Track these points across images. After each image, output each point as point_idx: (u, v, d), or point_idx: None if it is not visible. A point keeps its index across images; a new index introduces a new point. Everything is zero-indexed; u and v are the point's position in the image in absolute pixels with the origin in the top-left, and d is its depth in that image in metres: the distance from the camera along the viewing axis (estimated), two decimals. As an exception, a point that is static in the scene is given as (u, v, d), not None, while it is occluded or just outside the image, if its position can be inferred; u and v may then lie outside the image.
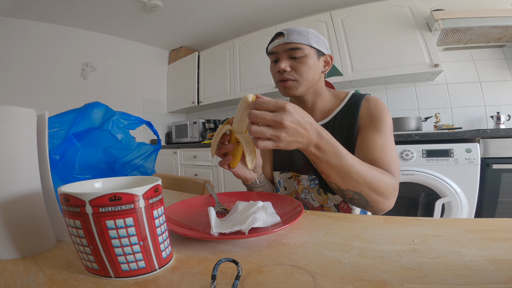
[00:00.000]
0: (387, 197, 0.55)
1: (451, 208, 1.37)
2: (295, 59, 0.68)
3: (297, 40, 0.66)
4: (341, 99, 0.74)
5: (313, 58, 0.68)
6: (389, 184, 0.55)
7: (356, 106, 0.69)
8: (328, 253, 0.34)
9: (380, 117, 0.65)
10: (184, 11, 2.37)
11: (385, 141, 0.63)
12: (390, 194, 0.55)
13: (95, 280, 0.29)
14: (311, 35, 0.68)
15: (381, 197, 0.54)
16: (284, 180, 0.79)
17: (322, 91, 0.74)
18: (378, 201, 0.54)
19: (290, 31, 0.68)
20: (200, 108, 3.11)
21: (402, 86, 2.09)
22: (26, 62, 2.24)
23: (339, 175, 0.51)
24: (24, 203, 0.36)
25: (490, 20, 1.57)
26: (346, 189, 0.54)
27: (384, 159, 0.60)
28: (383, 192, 0.54)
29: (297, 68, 0.67)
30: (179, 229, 0.41)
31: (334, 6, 2.16)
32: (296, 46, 0.66)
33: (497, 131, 1.31)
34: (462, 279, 0.27)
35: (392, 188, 0.55)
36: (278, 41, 0.69)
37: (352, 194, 0.54)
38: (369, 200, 0.54)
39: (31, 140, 0.38)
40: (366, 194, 0.53)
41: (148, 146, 0.61)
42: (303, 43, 0.66)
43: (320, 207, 0.72)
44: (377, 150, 0.61)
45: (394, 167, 0.60)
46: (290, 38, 0.66)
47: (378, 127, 0.64)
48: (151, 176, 0.49)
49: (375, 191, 0.53)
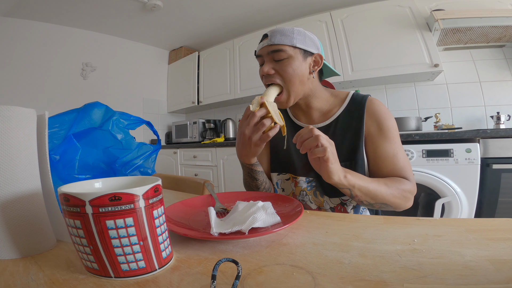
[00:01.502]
0: (407, 201, 0.63)
1: (451, 208, 1.37)
2: (278, 62, 0.65)
3: (280, 42, 0.64)
4: (340, 100, 0.73)
5: (298, 59, 0.65)
6: (407, 190, 0.62)
7: (360, 108, 0.69)
8: (328, 253, 0.34)
9: (387, 125, 0.67)
10: (184, 11, 2.37)
11: (395, 148, 0.66)
12: (409, 198, 0.63)
13: (95, 280, 0.29)
14: (296, 34, 0.65)
15: (403, 201, 0.62)
16: (282, 182, 0.79)
17: (316, 91, 0.72)
18: (401, 205, 0.62)
19: (274, 32, 0.65)
20: (200, 108, 3.11)
21: (402, 86, 2.09)
22: (26, 62, 2.24)
23: (368, 196, 0.58)
24: (24, 203, 0.36)
25: (490, 20, 1.56)
26: (375, 203, 0.60)
27: (398, 168, 0.65)
28: (405, 198, 0.62)
29: (280, 71, 0.65)
30: (179, 229, 0.41)
31: (334, 6, 2.16)
32: (278, 48, 0.64)
33: (497, 131, 1.31)
34: (462, 279, 0.27)
35: (410, 193, 0.63)
36: (262, 43, 0.67)
37: (380, 206, 0.61)
38: (393, 206, 0.62)
39: (31, 140, 0.38)
40: (391, 203, 0.60)
41: (148, 146, 0.61)
42: (286, 44, 0.64)
43: (318, 210, 0.72)
44: (390, 160, 0.66)
45: (408, 172, 0.65)
46: (272, 40, 0.64)
47: (386, 135, 0.66)
48: (151, 176, 0.49)
49: (398, 199, 0.60)
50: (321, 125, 0.72)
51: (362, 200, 0.59)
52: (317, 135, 0.50)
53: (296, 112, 0.79)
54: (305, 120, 0.76)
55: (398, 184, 0.62)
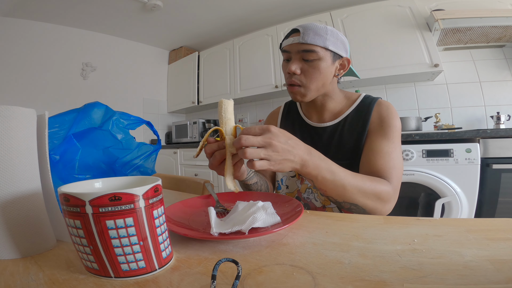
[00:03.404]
0: (384, 203, 0.57)
1: (451, 208, 1.37)
2: (307, 62, 0.64)
3: (313, 41, 0.61)
4: (352, 101, 0.74)
5: (327, 62, 0.64)
6: (384, 191, 0.56)
7: (368, 109, 0.69)
8: (328, 253, 0.34)
9: (389, 123, 0.66)
10: (184, 11, 2.37)
11: (391, 147, 0.63)
12: (386, 200, 0.57)
13: (95, 280, 0.29)
14: (329, 35, 0.62)
15: (377, 203, 0.56)
16: (287, 178, 0.79)
17: (333, 93, 0.73)
18: (375, 207, 0.56)
19: (306, 28, 0.62)
20: (200, 108, 3.11)
21: (402, 86, 2.09)
22: (26, 62, 2.24)
23: (334, 190, 0.53)
24: (24, 203, 0.36)
25: (490, 20, 1.56)
26: (343, 201, 0.55)
27: (386, 166, 0.61)
28: (379, 199, 0.56)
29: (307, 72, 0.64)
30: (179, 229, 0.41)
31: (334, 6, 2.16)
32: (310, 48, 0.62)
33: (497, 131, 1.31)
34: (462, 279, 0.27)
35: (387, 194, 0.57)
36: (292, 39, 0.64)
37: (349, 205, 0.56)
38: (366, 209, 0.56)
39: (31, 140, 0.38)
40: (362, 204, 0.55)
41: (148, 146, 0.61)
42: (319, 45, 0.61)
43: (322, 208, 0.72)
44: (381, 156, 0.62)
45: (394, 174, 0.61)
46: (305, 38, 0.61)
47: (386, 133, 0.65)
48: (151, 176, 0.49)
49: (370, 199, 0.55)
50: (330, 124, 0.73)
51: (328, 195, 0.55)
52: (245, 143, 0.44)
53: (308, 110, 0.79)
54: (316, 119, 0.77)
55: (376, 183, 0.56)
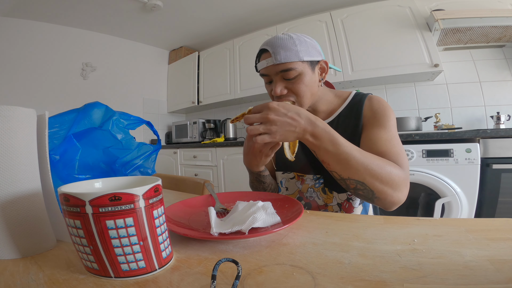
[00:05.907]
0: (394, 188, 0.52)
1: (451, 208, 1.37)
2: (289, 80, 0.63)
3: (287, 59, 0.60)
4: (343, 99, 0.74)
5: (308, 73, 0.63)
6: (395, 174, 0.52)
7: (359, 105, 0.69)
8: (328, 253, 0.34)
9: (383, 113, 0.65)
10: (184, 11, 2.37)
11: (390, 135, 0.61)
12: (397, 185, 0.52)
13: (95, 280, 0.29)
14: (299, 46, 0.61)
15: (387, 187, 0.51)
16: (286, 181, 0.79)
17: (322, 95, 0.73)
18: (385, 191, 0.51)
19: (275, 48, 0.61)
20: (200, 108, 3.11)
21: (402, 86, 2.09)
22: (26, 62, 2.24)
23: (338, 163, 0.51)
24: (24, 203, 0.36)
25: (490, 20, 1.56)
26: (348, 178, 0.52)
27: (391, 151, 0.57)
28: (389, 182, 0.51)
29: (293, 89, 0.64)
30: (179, 229, 0.41)
31: (334, 6, 2.16)
32: (287, 67, 0.61)
33: (497, 131, 1.31)
34: (462, 279, 0.27)
35: (399, 178, 0.52)
36: (266, 62, 0.63)
37: (355, 184, 0.52)
38: (374, 191, 0.51)
39: (31, 140, 0.38)
40: (370, 183, 0.51)
41: (148, 146, 0.61)
42: (294, 60, 0.60)
43: (324, 206, 0.73)
44: (382, 143, 0.59)
45: (402, 159, 0.56)
46: (278, 58, 0.60)
47: (382, 123, 0.63)
48: (151, 176, 0.49)
49: (379, 180, 0.51)
50: None
51: (331, 169, 0.53)
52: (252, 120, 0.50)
53: None
54: None
55: (386, 164, 0.52)
